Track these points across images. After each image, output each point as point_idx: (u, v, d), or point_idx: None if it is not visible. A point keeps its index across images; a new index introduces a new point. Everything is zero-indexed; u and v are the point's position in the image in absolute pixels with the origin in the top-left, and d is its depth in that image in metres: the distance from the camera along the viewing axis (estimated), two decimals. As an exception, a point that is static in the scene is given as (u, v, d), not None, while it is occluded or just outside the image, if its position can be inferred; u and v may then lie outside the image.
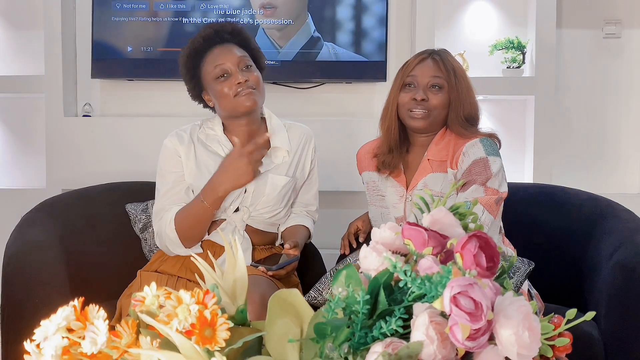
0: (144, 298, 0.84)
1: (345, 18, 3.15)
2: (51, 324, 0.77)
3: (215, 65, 1.95)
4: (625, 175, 3.38)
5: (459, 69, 1.97)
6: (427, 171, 1.95)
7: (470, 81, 1.99)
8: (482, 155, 1.85)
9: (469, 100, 1.95)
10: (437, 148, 1.95)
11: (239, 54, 1.98)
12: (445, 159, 1.93)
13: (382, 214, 2.05)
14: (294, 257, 1.91)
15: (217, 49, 1.98)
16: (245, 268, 0.93)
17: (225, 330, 0.76)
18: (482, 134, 1.93)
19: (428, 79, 1.93)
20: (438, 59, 1.96)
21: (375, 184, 2.08)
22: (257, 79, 1.98)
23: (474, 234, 0.80)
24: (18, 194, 3.19)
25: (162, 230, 1.95)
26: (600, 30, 3.31)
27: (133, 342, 0.80)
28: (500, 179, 1.86)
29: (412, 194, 1.96)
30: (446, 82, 1.93)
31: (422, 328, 0.77)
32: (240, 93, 1.93)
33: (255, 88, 1.96)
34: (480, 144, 1.88)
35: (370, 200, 2.10)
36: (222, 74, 1.94)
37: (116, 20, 3.14)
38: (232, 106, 1.96)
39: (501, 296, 0.77)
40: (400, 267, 0.81)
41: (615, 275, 1.94)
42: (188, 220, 1.91)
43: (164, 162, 2.03)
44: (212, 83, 1.96)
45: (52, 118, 3.15)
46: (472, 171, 1.85)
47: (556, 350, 0.82)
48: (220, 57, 1.96)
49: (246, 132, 2.03)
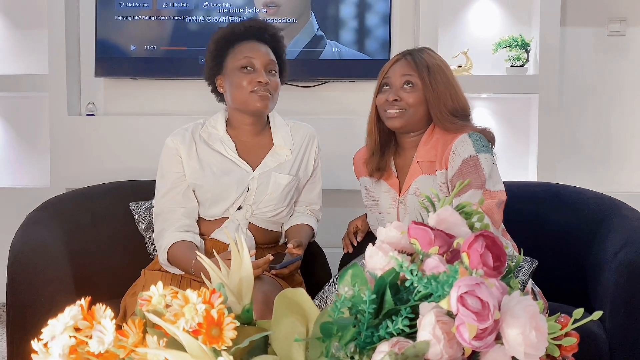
0: (150, 297, 0.83)
1: (348, 16, 3.14)
2: (58, 323, 0.77)
3: (245, 55, 1.97)
4: (630, 173, 3.36)
5: (435, 65, 1.93)
6: (417, 173, 1.94)
7: (451, 75, 1.95)
8: (472, 154, 1.82)
9: (450, 94, 1.91)
10: (426, 148, 1.93)
11: (271, 57, 2.01)
12: (434, 160, 1.91)
13: (378, 218, 2.04)
14: (297, 257, 1.91)
15: (253, 43, 2.01)
16: (251, 267, 0.93)
17: (232, 329, 0.76)
18: (472, 128, 1.90)
19: (400, 78, 1.93)
20: (410, 58, 1.95)
21: (370, 189, 2.08)
22: (276, 86, 2.01)
23: (481, 233, 0.79)
24: (22, 193, 3.20)
25: (158, 250, 1.98)
26: (605, 28, 3.29)
27: (140, 342, 0.80)
28: (494, 178, 1.84)
29: (405, 198, 1.95)
30: (419, 79, 1.91)
31: (428, 327, 0.77)
32: (257, 91, 1.95)
33: (272, 93, 1.99)
34: (469, 140, 1.85)
35: (367, 206, 2.10)
36: (248, 66, 1.96)
37: (120, 19, 3.14)
38: (244, 100, 1.97)
39: (508, 295, 0.77)
40: (406, 267, 0.81)
41: (621, 274, 1.93)
42: (177, 262, 1.93)
43: (164, 162, 2.04)
44: (234, 71, 1.98)
45: (55, 117, 3.16)
46: (464, 171, 1.82)
47: (563, 350, 0.82)
48: (253, 51, 1.99)
49: (250, 131, 2.04)
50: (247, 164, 2.03)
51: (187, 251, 1.90)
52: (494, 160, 1.87)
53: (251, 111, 1.99)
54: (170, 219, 1.98)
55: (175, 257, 1.91)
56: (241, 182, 1.99)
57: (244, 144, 2.05)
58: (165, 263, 1.96)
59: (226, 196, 1.98)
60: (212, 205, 2.00)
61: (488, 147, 1.87)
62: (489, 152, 1.86)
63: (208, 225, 2.03)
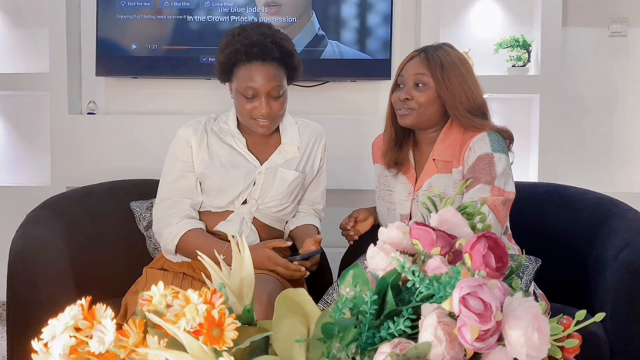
0: (151, 297, 0.83)
1: (349, 16, 3.14)
2: (59, 323, 0.77)
3: (246, 84, 1.92)
4: (631, 174, 3.36)
5: (449, 63, 1.92)
6: (432, 172, 1.95)
7: (468, 72, 1.94)
8: (488, 151, 1.83)
9: (466, 92, 1.91)
10: (443, 147, 1.94)
11: (274, 83, 1.93)
12: (450, 160, 1.92)
13: (389, 209, 2.04)
14: (315, 250, 1.91)
15: (257, 66, 1.93)
16: (252, 266, 0.93)
17: (233, 330, 0.76)
18: (491, 127, 1.91)
19: (412, 77, 1.93)
20: (424, 56, 1.94)
21: (386, 178, 2.08)
22: (280, 107, 1.97)
23: (483, 234, 0.79)
24: (23, 192, 3.20)
25: (162, 235, 1.96)
26: (606, 28, 3.29)
27: (140, 342, 0.80)
28: (506, 177, 1.84)
29: (419, 194, 1.96)
30: (431, 78, 1.91)
31: (430, 328, 0.77)
32: (258, 121, 1.95)
33: (275, 118, 1.97)
34: (487, 138, 1.86)
35: (379, 194, 2.10)
36: (250, 95, 1.93)
37: (121, 18, 3.13)
38: (246, 123, 1.99)
39: (510, 297, 0.76)
40: (408, 267, 0.81)
41: (622, 275, 1.92)
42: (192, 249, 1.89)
43: (175, 149, 2.04)
44: (238, 93, 1.96)
45: (56, 116, 3.16)
46: (476, 167, 1.83)
47: (565, 352, 0.82)
48: (256, 78, 1.92)
49: (258, 134, 2.04)
50: (255, 159, 2.04)
51: (206, 239, 1.91)
52: (508, 162, 1.88)
53: (254, 132, 2.02)
54: (176, 207, 1.97)
55: (190, 245, 1.90)
56: (248, 176, 2.00)
57: (253, 140, 2.06)
58: (170, 250, 1.94)
59: (232, 187, 1.98)
60: (218, 195, 2.00)
61: (505, 148, 1.88)
62: (505, 152, 1.87)
63: (212, 218, 2.02)
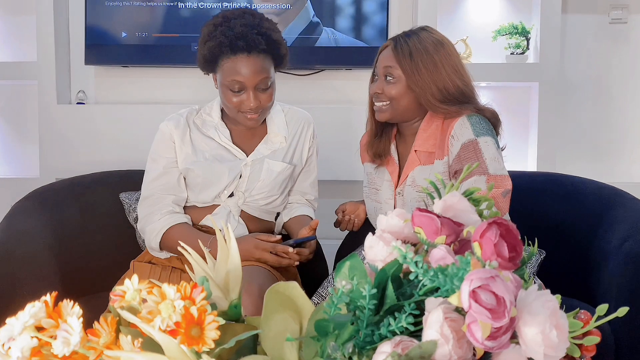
0: (124, 292, 0.76)
1: (345, 3, 3.07)
2: (17, 322, 0.69)
3: (233, 78, 1.83)
4: (631, 163, 3.32)
5: (418, 51, 1.80)
6: (415, 164, 1.86)
7: (442, 57, 1.82)
8: (471, 137, 1.73)
9: (436, 81, 1.79)
10: (424, 137, 1.85)
11: (261, 75, 1.84)
12: (433, 150, 1.83)
13: (375, 208, 1.98)
14: (311, 235, 1.85)
15: (242, 58, 1.83)
16: (239, 258, 0.86)
17: (214, 329, 0.68)
18: (470, 109, 1.79)
19: (383, 70, 1.85)
20: (392, 45, 1.85)
21: (372, 177, 2.01)
22: (268, 99, 1.89)
23: (494, 221, 0.72)
24: (11, 183, 3.16)
25: (145, 233, 1.92)
26: (607, 15, 3.25)
27: (112, 342, 0.72)
28: (498, 160, 1.74)
29: (402, 189, 1.89)
30: (400, 70, 1.81)
31: (435, 326, 0.69)
32: (245, 113, 1.88)
33: (262, 110, 1.90)
34: (468, 122, 1.75)
35: (366, 193, 2.04)
36: (237, 89, 1.85)
37: (110, 5, 3.08)
38: (234, 116, 1.92)
39: (524, 290, 0.69)
40: (410, 258, 0.73)
41: (626, 266, 1.88)
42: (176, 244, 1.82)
43: (157, 146, 1.98)
44: (223, 86, 1.87)
45: (45, 105, 3.11)
46: (462, 157, 1.73)
47: (584, 350, 0.75)
48: (241, 71, 1.82)
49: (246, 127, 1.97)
50: (240, 151, 1.98)
51: (190, 232, 1.86)
52: (495, 143, 1.77)
53: (240, 125, 1.96)
54: (159, 203, 1.93)
55: (174, 241, 1.83)
56: (233, 169, 1.94)
57: (238, 131, 2.00)
58: (154, 247, 1.90)
59: (217, 181, 1.93)
60: (203, 190, 1.95)
61: (488, 129, 1.77)
62: (489, 134, 1.76)
63: (198, 212, 1.97)
